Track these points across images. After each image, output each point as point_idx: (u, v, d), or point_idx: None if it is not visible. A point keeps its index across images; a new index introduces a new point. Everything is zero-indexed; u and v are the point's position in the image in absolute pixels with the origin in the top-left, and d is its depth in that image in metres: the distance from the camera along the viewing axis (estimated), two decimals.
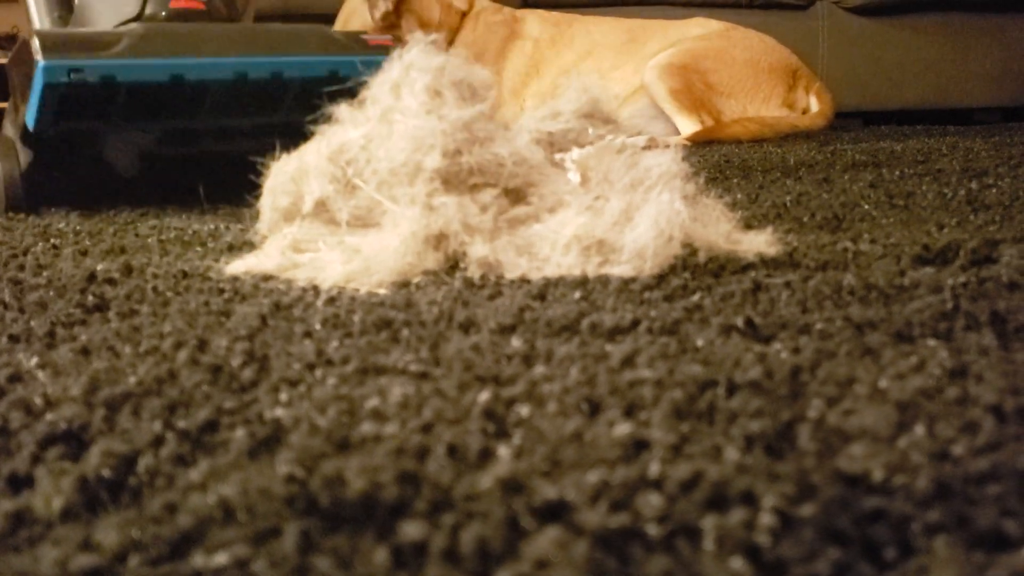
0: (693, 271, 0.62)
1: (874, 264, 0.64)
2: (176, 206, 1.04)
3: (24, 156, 1.02)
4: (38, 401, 0.40)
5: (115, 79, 0.94)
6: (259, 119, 1.05)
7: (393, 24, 2.21)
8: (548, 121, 0.72)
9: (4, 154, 1.03)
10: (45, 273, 0.68)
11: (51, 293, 0.62)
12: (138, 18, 1.00)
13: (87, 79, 0.92)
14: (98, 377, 0.43)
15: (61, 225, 0.92)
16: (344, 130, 0.70)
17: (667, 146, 0.70)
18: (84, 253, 0.77)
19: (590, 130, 0.72)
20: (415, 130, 0.66)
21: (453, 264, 0.65)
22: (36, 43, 0.92)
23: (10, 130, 1.06)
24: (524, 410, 0.37)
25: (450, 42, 2.25)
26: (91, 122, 0.99)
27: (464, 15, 2.27)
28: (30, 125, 0.95)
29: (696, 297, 0.56)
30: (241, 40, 0.99)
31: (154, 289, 0.61)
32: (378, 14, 2.19)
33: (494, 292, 0.59)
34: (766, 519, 0.27)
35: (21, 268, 0.71)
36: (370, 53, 1.02)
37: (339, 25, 2.20)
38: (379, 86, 0.70)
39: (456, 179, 0.66)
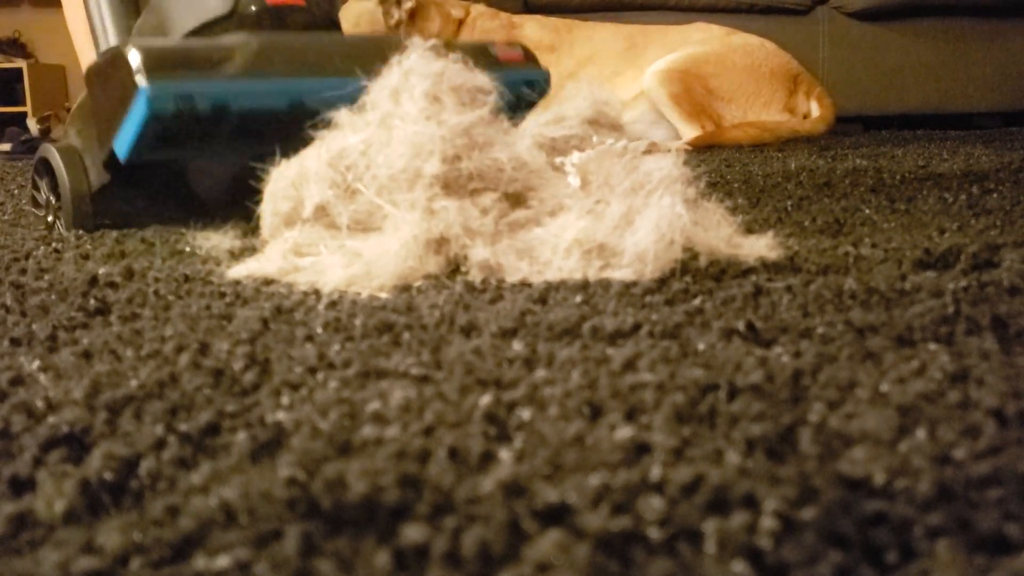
0: (694, 275, 0.62)
1: (875, 268, 0.64)
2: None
3: (96, 175, 0.89)
4: (40, 404, 0.40)
5: (228, 107, 0.80)
6: None
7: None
8: (552, 126, 0.72)
9: (72, 169, 0.90)
10: (47, 277, 0.68)
11: (53, 297, 0.62)
12: (229, 16, 0.86)
13: (197, 107, 0.78)
14: (100, 380, 0.43)
15: (62, 229, 0.92)
16: (343, 135, 0.70)
17: (668, 151, 0.70)
18: (86, 257, 0.77)
19: (594, 137, 0.72)
20: (414, 136, 0.66)
21: (454, 268, 0.65)
22: (135, 59, 0.78)
23: (77, 141, 0.92)
24: (525, 413, 0.37)
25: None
26: (192, 151, 0.86)
27: (461, 23, 2.28)
28: (121, 155, 0.82)
29: (697, 301, 0.56)
30: (368, 56, 0.78)
31: (156, 293, 0.61)
32: (392, 22, 2.20)
33: (495, 296, 0.59)
34: (768, 522, 0.27)
35: (23, 272, 0.71)
36: (517, 71, 0.88)
37: (349, 27, 2.19)
38: (378, 92, 0.70)
39: (456, 184, 0.66)
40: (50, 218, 0.94)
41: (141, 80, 0.77)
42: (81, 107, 0.93)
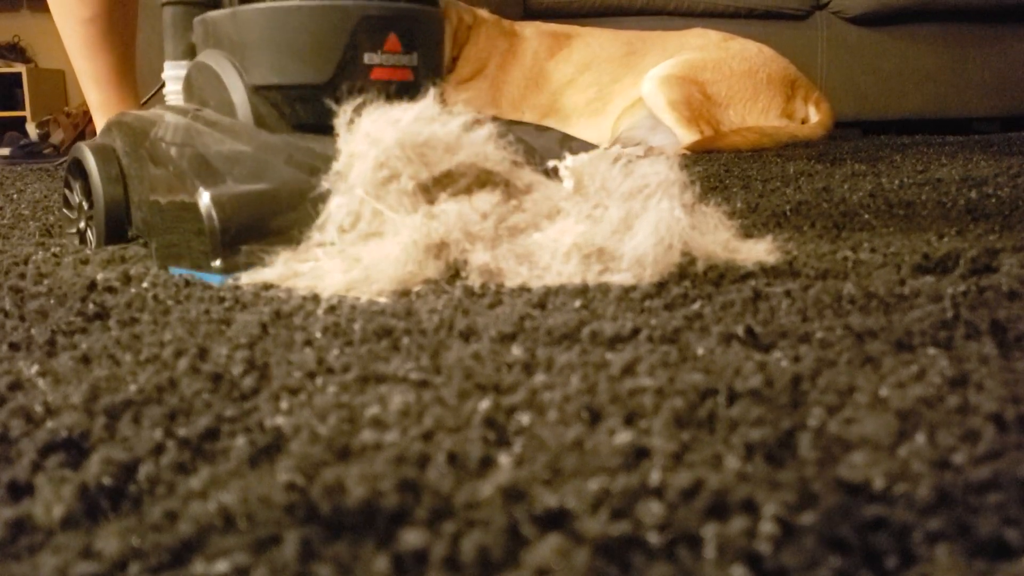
0: (693, 280, 0.62)
1: (874, 273, 0.64)
2: None
3: (137, 213, 0.78)
4: (38, 409, 0.40)
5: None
6: None
7: None
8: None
9: (108, 178, 0.79)
10: (46, 281, 0.68)
11: (52, 301, 0.62)
12: (328, 86, 0.76)
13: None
14: (99, 385, 0.43)
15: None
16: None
17: (665, 155, 0.70)
18: (84, 262, 0.77)
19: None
20: (369, 129, 0.66)
21: (454, 272, 0.65)
22: (211, 219, 0.66)
23: (119, 145, 0.81)
24: (525, 418, 0.37)
25: (456, 56, 2.26)
26: None
27: (470, 28, 2.29)
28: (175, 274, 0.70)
29: (696, 305, 0.56)
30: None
31: (154, 297, 0.61)
32: None
33: (494, 300, 0.59)
34: (767, 527, 0.27)
35: (22, 276, 0.71)
36: None
37: None
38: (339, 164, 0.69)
39: (430, 156, 0.66)
40: (82, 224, 0.87)
41: (216, 263, 0.67)
42: (132, 131, 0.81)
